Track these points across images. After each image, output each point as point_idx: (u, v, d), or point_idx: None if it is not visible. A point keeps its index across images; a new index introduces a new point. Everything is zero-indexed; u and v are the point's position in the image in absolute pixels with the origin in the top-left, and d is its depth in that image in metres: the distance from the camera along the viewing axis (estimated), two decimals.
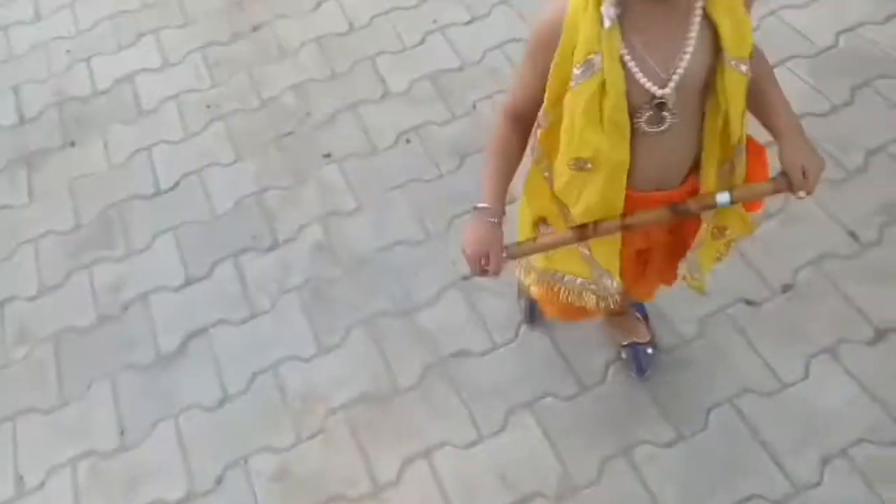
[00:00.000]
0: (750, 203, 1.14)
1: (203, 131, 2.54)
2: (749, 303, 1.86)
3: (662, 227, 1.16)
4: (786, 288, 1.87)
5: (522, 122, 1.08)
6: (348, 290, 2.07)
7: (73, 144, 2.58)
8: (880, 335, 1.77)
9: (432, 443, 1.75)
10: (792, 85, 2.08)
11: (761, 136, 1.15)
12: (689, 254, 1.20)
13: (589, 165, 1.01)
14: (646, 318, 1.75)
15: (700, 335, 1.82)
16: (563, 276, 1.20)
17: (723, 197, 1.07)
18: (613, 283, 1.16)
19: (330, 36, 2.75)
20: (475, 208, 1.10)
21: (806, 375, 1.73)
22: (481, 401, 1.80)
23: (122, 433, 1.89)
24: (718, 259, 1.27)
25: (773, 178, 1.10)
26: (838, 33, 2.41)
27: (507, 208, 1.12)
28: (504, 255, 1.08)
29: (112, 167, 2.49)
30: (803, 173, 1.04)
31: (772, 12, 2.49)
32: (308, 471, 1.77)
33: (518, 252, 1.13)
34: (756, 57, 1.02)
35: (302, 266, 2.14)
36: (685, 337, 1.82)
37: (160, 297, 2.14)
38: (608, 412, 1.74)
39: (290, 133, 2.48)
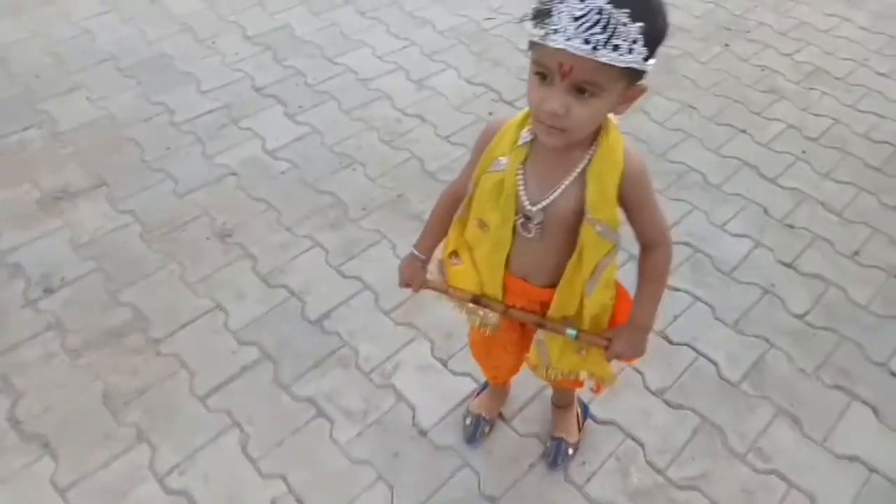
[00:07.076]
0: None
1: None
2: None
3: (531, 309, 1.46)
4: None
5: (458, 196, 1.40)
6: None
7: None
8: None
9: None
10: None
11: None
12: (538, 334, 1.46)
13: (486, 227, 1.33)
14: (583, 421, 1.91)
15: None
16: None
17: (571, 331, 1.36)
18: (495, 317, 1.48)
19: None
20: (412, 252, 1.52)
21: None
22: None
23: None
24: (573, 373, 1.50)
25: (606, 339, 1.38)
26: None
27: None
28: (424, 284, 1.52)
29: None
30: (622, 350, 1.37)
31: None
32: None
33: (432, 285, 1.53)
34: (651, 251, 1.31)
35: None
36: None
37: None
38: None
39: None
